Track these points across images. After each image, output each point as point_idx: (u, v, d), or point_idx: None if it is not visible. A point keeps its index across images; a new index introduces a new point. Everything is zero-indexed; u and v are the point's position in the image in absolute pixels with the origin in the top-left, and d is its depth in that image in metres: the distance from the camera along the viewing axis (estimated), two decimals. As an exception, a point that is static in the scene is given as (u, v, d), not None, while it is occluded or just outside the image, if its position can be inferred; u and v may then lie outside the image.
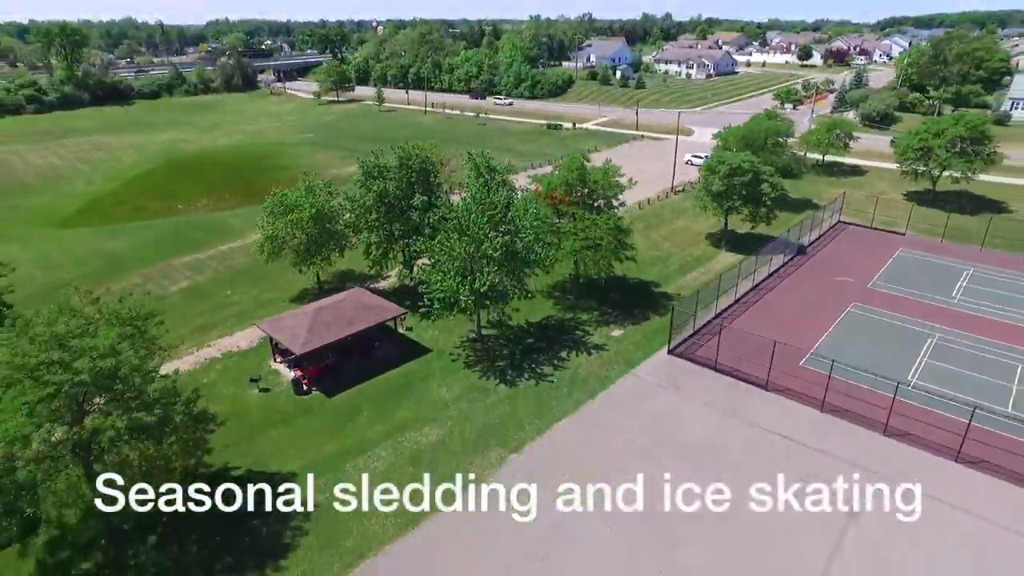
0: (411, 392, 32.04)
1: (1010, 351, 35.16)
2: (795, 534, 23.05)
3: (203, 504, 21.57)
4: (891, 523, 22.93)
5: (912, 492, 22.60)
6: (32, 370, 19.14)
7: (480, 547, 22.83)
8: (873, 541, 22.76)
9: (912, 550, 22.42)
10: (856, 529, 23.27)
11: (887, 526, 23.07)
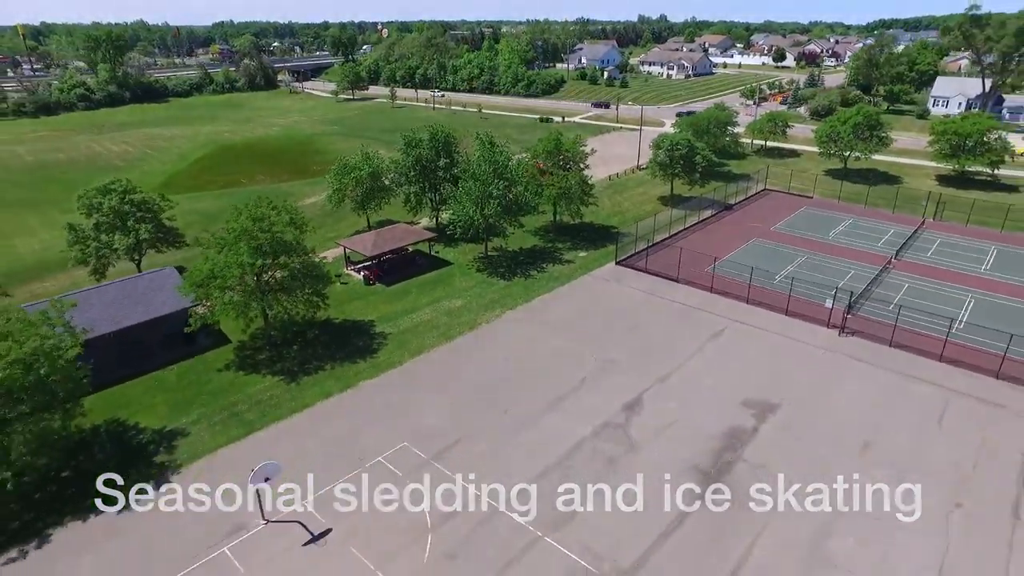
0: (441, 283, 48.34)
1: (846, 264, 51.52)
2: (678, 340, 39.22)
3: (321, 332, 37.75)
4: (740, 333, 39.28)
5: (752, 327, 38.95)
6: (247, 232, 35.22)
7: (488, 347, 38.98)
8: (728, 343, 38.97)
9: (746, 346, 38.63)
10: (722, 339, 39.50)
11: (737, 336, 39.37)
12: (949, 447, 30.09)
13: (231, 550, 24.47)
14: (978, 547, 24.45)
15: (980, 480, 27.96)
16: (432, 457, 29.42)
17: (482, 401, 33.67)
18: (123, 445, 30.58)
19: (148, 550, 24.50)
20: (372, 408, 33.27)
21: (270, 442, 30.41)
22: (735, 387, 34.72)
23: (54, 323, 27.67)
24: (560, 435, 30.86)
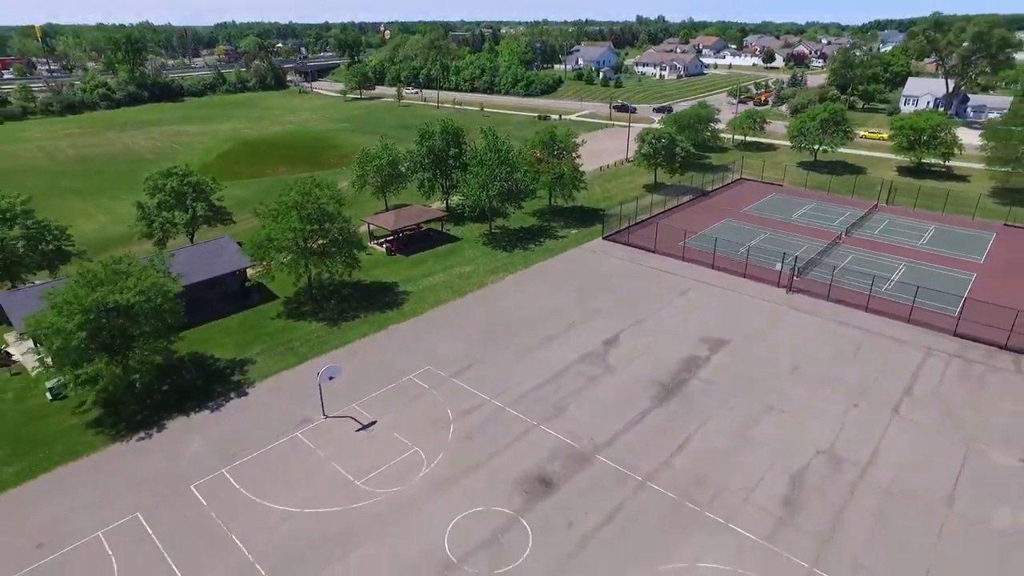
0: (452, 254, 56.41)
1: (803, 239, 59.61)
2: (651, 296, 47.27)
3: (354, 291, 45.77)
4: (704, 291, 47.39)
5: (714, 286, 47.10)
6: (297, 203, 43.24)
7: (493, 300, 47.00)
8: (693, 298, 47.02)
9: (707, 300, 46.68)
10: (688, 295, 47.55)
11: (701, 293, 47.47)
12: (858, 370, 38.17)
13: (302, 434, 32.50)
14: (862, 431, 32.52)
15: (875, 391, 36.04)
16: (450, 375, 37.48)
17: (489, 339, 41.73)
18: (205, 369, 38.61)
19: (240, 434, 32.51)
20: (401, 343, 41.35)
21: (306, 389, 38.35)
22: (695, 329, 42.81)
23: (158, 270, 35.67)
24: (551, 362, 38.92)
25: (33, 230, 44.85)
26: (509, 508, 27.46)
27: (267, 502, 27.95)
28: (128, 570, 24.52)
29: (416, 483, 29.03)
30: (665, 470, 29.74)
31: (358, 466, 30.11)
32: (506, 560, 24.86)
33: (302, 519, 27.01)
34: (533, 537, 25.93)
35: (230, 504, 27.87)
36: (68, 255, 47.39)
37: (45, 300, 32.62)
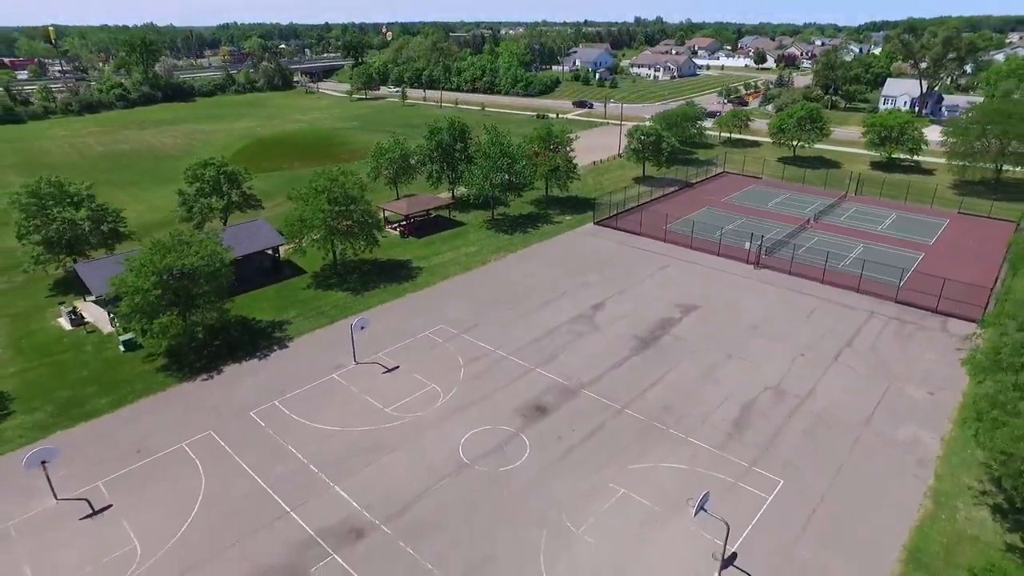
0: (459, 237, 62.93)
1: (775, 224, 66.14)
2: (635, 271, 53.78)
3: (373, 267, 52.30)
4: (681, 266, 53.97)
5: (690, 263, 53.67)
6: (322, 189, 49.74)
7: (496, 274, 53.51)
8: (671, 272, 53.56)
9: (683, 274, 53.22)
10: (667, 270, 54.08)
11: (679, 268, 54.03)
12: (809, 329, 44.70)
13: (338, 376, 39.01)
14: (805, 374, 39.05)
15: (821, 344, 42.58)
16: (460, 332, 44.01)
17: (492, 304, 48.25)
18: (250, 328, 45.08)
19: (285, 376, 39.01)
20: (417, 307, 47.90)
21: (346, 328, 44.81)
22: (671, 297, 49.36)
23: (214, 241, 42.17)
24: (546, 322, 45.45)
25: (96, 212, 51.35)
26: (511, 427, 33.99)
27: (313, 423, 34.46)
28: (210, 469, 31.03)
29: (434, 410, 35.55)
30: (638, 401, 36.26)
31: (386, 398, 36.64)
32: (508, 462, 31.37)
33: (343, 435, 33.51)
34: (530, 447, 32.45)
35: (283, 425, 34.38)
36: (122, 235, 53.90)
37: (124, 265, 39.21)
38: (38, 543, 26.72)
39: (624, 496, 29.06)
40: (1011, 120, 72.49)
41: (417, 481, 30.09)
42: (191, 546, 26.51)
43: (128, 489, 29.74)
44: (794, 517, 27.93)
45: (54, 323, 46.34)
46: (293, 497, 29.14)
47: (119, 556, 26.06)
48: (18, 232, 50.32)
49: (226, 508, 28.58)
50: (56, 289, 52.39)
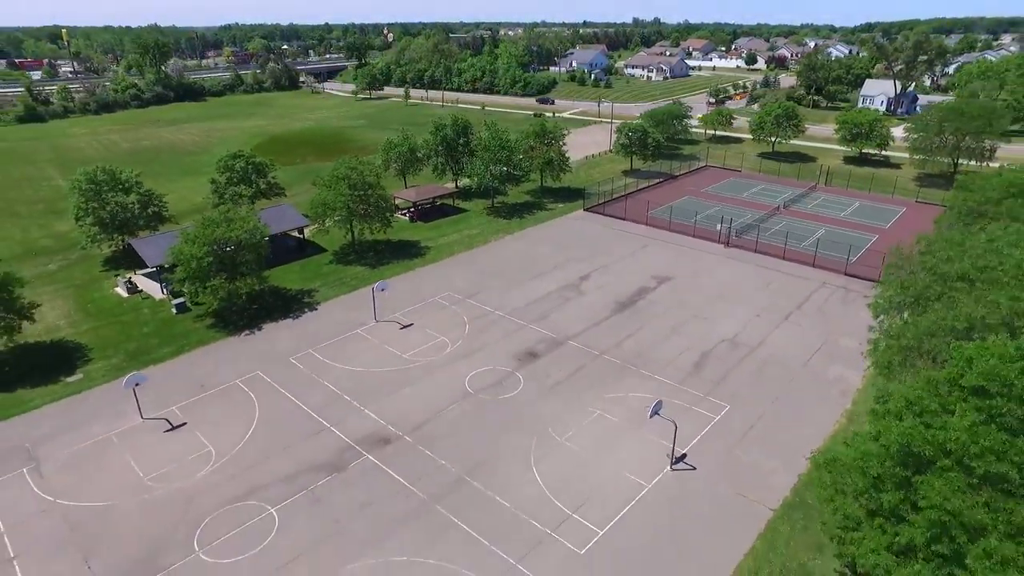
0: (462, 221, 69.96)
1: (748, 211, 73.19)
2: (618, 249, 60.78)
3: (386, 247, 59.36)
4: (659, 245, 61.01)
5: (668, 242, 60.74)
6: (342, 176, 56.75)
7: (495, 252, 60.51)
8: (650, 250, 60.56)
9: (661, 252, 60.24)
10: (647, 248, 61.09)
11: (657, 247, 61.07)
12: (766, 295, 51.71)
13: (361, 331, 46.00)
14: (758, 329, 46.02)
15: (775, 307, 49.58)
16: (464, 297, 51.02)
17: (491, 276, 55.26)
18: (282, 295, 52.05)
19: (316, 331, 45.97)
20: (426, 278, 54.92)
21: (366, 294, 51.76)
22: (648, 270, 56.39)
23: (254, 218, 49.14)
24: (539, 289, 52.47)
25: (143, 197, 58.32)
26: (508, 367, 41.01)
27: (343, 366, 41.46)
28: (261, 398, 38.01)
29: (444, 356, 42.56)
30: (615, 349, 43.28)
31: (403, 347, 43.65)
32: (505, 392, 38.37)
33: (368, 374, 40.51)
34: (523, 381, 39.45)
35: (318, 367, 41.36)
36: (164, 218, 60.88)
37: (180, 237, 46.26)
38: (135, 446, 33.72)
39: (599, 416, 36.07)
40: (964, 118, 79.48)
41: (431, 405, 37.12)
42: (254, 449, 33.51)
43: (197, 412, 36.73)
44: (735, 430, 34.93)
45: (112, 292, 53.32)
46: (331, 417, 36.14)
47: (199, 456, 33.05)
48: (75, 214, 57.29)
49: (278, 424, 35.57)
50: (107, 265, 59.35)
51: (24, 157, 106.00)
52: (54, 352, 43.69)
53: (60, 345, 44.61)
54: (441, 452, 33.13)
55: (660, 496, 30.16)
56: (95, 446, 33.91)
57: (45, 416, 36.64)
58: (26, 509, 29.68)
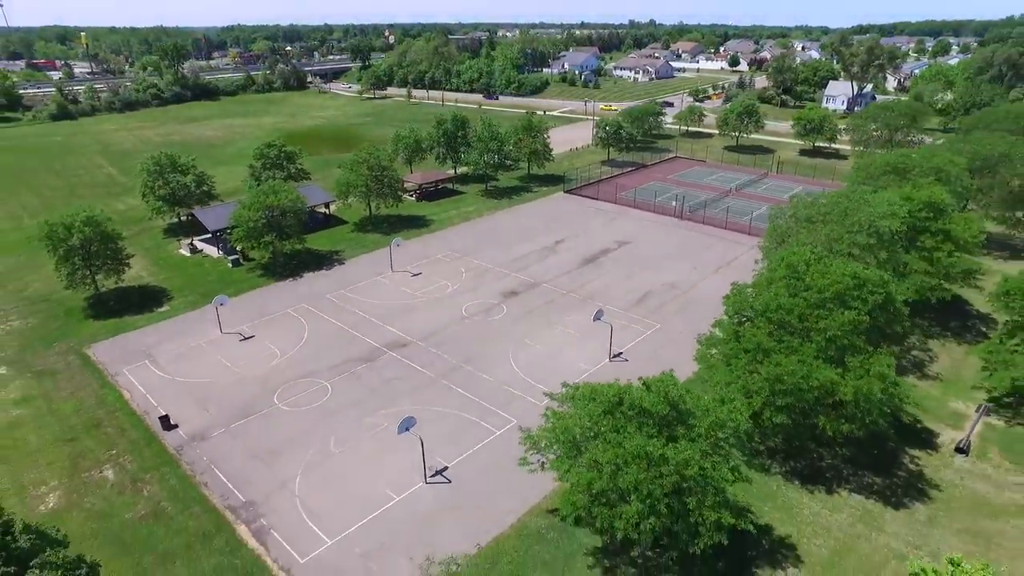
0: (460, 202, 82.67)
1: (705, 193, 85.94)
2: (590, 222, 73.49)
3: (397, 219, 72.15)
4: (624, 219, 73.80)
5: (631, 217, 73.67)
6: (362, 160, 69.39)
7: (487, 223, 73.20)
8: (616, 223, 73.26)
9: (625, 223, 72.92)
10: (614, 222, 73.79)
11: (622, 220, 73.82)
12: (705, 254, 64.38)
13: (379, 278, 58.66)
14: (692, 277, 58.69)
15: (710, 263, 62.25)
16: (462, 255, 63.70)
17: (483, 240, 67.91)
18: (315, 255, 64.61)
19: (345, 279, 58.55)
20: (431, 242, 67.59)
21: (384, 254, 64.24)
22: (612, 236, 69.08)
23: (295, 191, 61.72)
24: (521, 250, 65.12)
25: (198, 177, 70.92)
26: (495, 301, 53.68)
27: (369, 300, 54.10)
28: (308, 321, 50.63)
29: (446, 294, 55.23)
30: (578, 289, 55.94)
31: (414, 288, 56.32)
32: (492, 316, 51.01)
33: (388, 305, 53.14)
34: (506, 309, 52.11)
35: (350, 301, 53.97)
36: (213, 196, 73.45)
37: (239, 204, 58.92)
38: (220, 349, 46.39)
39: (561, 330, 48.74)
40: (893, 115, 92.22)
41: (437, 323, 49.81)
42: (308, 350, 46.17)
43: (261, 329, 49.37)
44: (661, 340, 47.58)
45: (176, 253, 65.95)
46: (362, 330, 48.80)
47: (268, 354, 45.69)
48: (142, 192, 69.85)
49: (323, 335, 48.22)
50: (166, 234, 71.95)
51: (75, 149, 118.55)
52: (143, 293, 56.33)
53: (146, 288, 57.25)
54: (444, 351, 45.82)
55: (601, 375, 42.75)
56: (191, 349, 46.57)
57: (149, 332, 49.31)
58: (155, 383, 42.34)
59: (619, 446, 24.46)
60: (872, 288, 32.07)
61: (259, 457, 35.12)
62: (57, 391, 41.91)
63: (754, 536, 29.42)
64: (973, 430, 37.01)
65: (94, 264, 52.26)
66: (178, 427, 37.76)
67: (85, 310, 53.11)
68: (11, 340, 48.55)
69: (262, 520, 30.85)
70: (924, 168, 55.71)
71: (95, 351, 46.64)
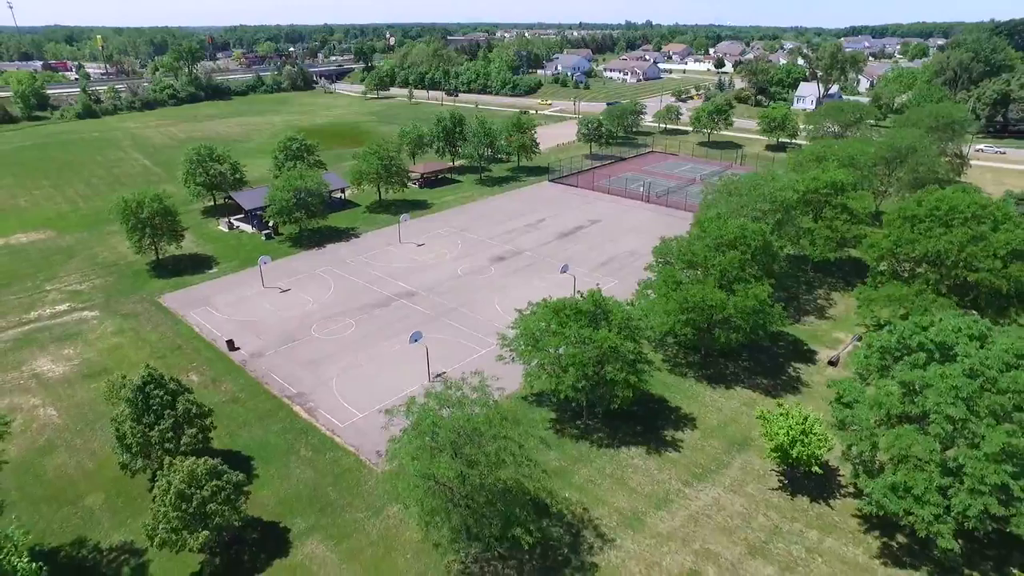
0: (458, 188, 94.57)
1: (674, 183, 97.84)
2: (571, 204, 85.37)
3: (404, 202, 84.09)
4: (600, 202, 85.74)
5: (606, 201, 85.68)
6: (373, 152, 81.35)
7: (481, 207, 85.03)
8: (592, 206, 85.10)
9: (600, 206, 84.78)
10: (590, 205, 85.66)
11: (598, 203, 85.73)
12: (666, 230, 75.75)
13: (389, 247, 70.49)
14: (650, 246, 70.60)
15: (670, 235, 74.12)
16: (458, 230, 75.55)
17: (477, 219, 79.73)
18: (334, 230, 76.40)
19: (361, 248, 70.36)
20: (432, 220, 79.46)
21: (393, 230, 75.90)
22: (586, 216, 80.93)
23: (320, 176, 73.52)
24: (509, 226, 76.97)
25: (232, 166, 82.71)
26: (484, 263, 65.53)
27: (381, 263, 65.92)
28: (334, 279, 62.45)
29: (445, 259, 67.05)
30: (554, 256, 67.75)
31: (419, 256, 68.14)
32: (482, 275, 62.84)
33: (395, 268, 64.96)
34: (494, 270, 63.98)
35: (366, 264, 65.78)
36: (244, 182, 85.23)
37: (271, 186, 70.73)
38: (264, 298, 58.22)
39: (537, 283, 60.48)
40: (843, 113, 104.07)
41: (437, 280, 61.64)
42: (336, 299, 57.98)
43: (296, 285, 61.18)
44: (617, 291, 59.24)
45: (216, 228, 77.77)
46: (378, 285, 60.62)
47: (303, 301, 57.53)
48: (184, 179, 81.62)
49: (346, 288, 60.02)
50: (204, 214, 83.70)
51: (112, 144, 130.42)
52: (194, 259, 68.14)
53: (196, 255, 69.06)
54: (443, 298, 57.64)
55: (565, 316, 54.46)
56: (241, 299, 58.38)
57: (205, 287, 61.13)
58: (217, 320, 54.18)
59: (562, 334, 36.33)
60: (752, 236, 43.89)
61: (304, 367, 46.95)
62: (141, 327, 53.73)
63: (666, 413, 41.45)
64: (844, 350, 48.91)
65: (157, 234, 64.06)
66: (240, 348, 49.57)
67: (149, 272, 64.96)
68: (97, 293, 60.40)
69: (311, 403, 42.68)
70: (840, 156, 67.50)
71: (165, 299, 58.49)
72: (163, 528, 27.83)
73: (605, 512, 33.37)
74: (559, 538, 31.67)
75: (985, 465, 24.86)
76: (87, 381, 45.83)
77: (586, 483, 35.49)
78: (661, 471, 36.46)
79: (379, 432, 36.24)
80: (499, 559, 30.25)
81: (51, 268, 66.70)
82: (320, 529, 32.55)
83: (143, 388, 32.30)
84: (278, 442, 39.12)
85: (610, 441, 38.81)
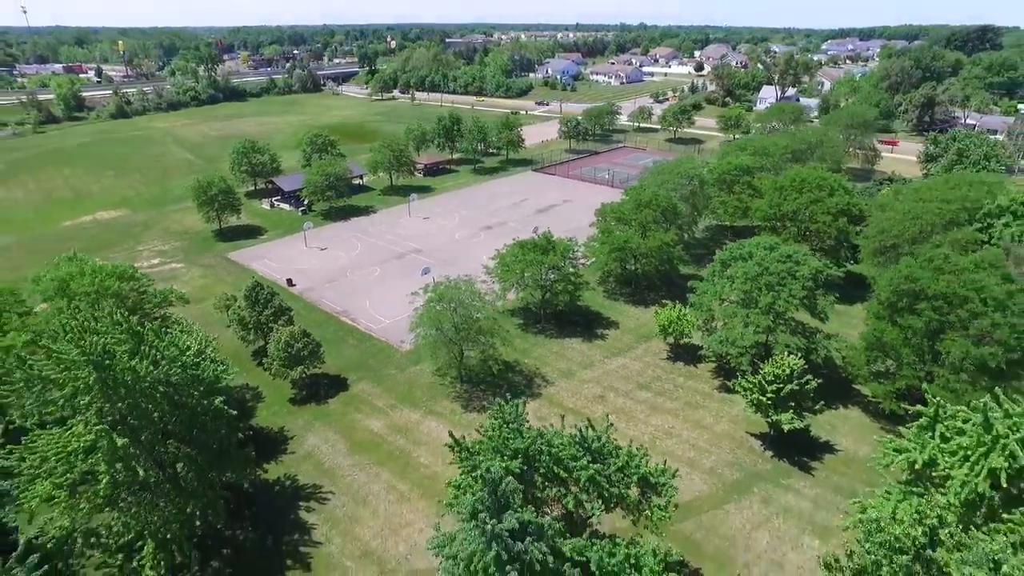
0: (456, 176, 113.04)
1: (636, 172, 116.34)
2: (550, 188, 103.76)
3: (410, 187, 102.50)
4: (574, 188, 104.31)
5: (580, 186, 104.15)
6: (387, 145, 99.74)
7: (476, 191, 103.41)
8: (568, 189, 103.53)
9: (573, 190, 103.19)
10: (566, 188, 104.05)
11: (573, 188, 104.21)
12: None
13: (401, 220, 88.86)
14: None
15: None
16: (456, 208, 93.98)
17: (471, 200, 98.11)
18: (356, 207, 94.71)
19: (381, 221, 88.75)
20: (435, 200, 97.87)
21: (403, 209, 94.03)
22: (561, 196, 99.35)
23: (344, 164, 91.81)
24: (497, 205, 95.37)
25: (271, 156, 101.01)
26: (476, 231, 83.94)
27: (395, 231, 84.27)
28: (361, 240, 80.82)
29: (445, 229, 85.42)
30: (530, 225, 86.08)
31: (425, 227, 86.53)
32: (474, 239, 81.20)
33: (407, 234, 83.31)
34: (483, 236, 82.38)
35: (384, 231, 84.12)
36: (280, 171, 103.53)
37: (307, 172, 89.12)
38: (309, 255, 76.60)
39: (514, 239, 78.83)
40: (784, 114, 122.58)
41: (439, 242, 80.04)
42: (364, 254, 76.32)
43: (331, 245, 79.48)
44: (577, 250, 77.73)
45: (260, 207, 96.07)
46: (395, 244, 78.97)
47: (337, 256, 75.90)
48: (232, 166, 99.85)
49: (370, 248, 78.33)
50: (248, 196, 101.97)
51: (153, 141, 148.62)
52: (247, 229, 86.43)
53: (249, 226, 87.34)
54: (442, 254, 75.99)
55: (535, 265, 72.96)
56: (289, 255, 76.66)
57: (260, 248, 79.39)
58: (274, 268, 72.50)
59: (523, 260, 54.80)
60: (661, 200, 62.38)
61: (345, 296, 65.29)
62: (219, 273, 72.02)
63: (600, 320, 59.93)
64: (736, 285, 67.39)
65: (221, 207, 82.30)
66: (296, 285, 67.88)
67: (214, 237, 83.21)
68: (178, 252, 78.72)
69: (353, 316, 61.02)
70: (755, 147, 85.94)
71: (231, 256, 76.77)
72: (276, 365, 46.09)
73: (550, 370, 51.79)
74: (519, 384, 50.04)
75: (758, 316, 43.33)
76: (192, 304, 64.14)
77: (539, 357, 53.88)
78: (590, 351, 54.88)
79: (402, 331, 54.58)
80: (482, 389, 48.61)
81: (136, 236, 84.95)
82: (366, 378, 50.94)
83: (253, 288, 50.56)
84: (332, 337, 57.43)
85: (559, 335, 57.23)
